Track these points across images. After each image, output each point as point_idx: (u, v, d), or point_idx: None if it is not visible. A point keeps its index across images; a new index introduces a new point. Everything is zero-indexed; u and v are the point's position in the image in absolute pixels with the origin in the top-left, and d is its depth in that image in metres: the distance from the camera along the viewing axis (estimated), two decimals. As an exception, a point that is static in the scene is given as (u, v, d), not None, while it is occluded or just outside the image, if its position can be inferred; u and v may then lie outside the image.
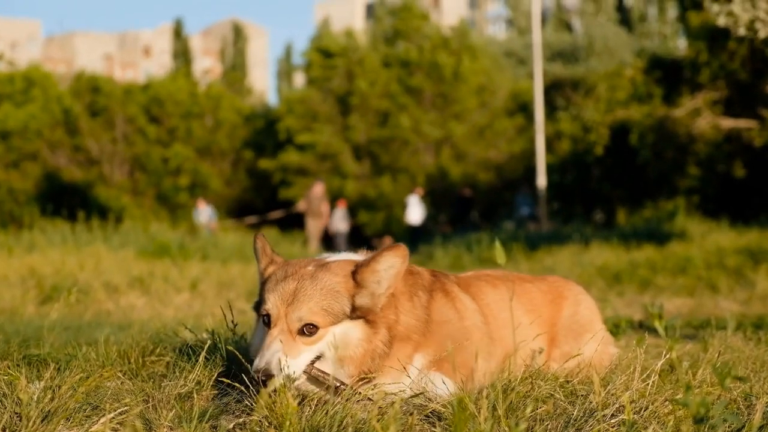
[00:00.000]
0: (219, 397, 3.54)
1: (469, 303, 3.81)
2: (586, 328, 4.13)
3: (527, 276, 4.39)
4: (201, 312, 9.63)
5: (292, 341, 3.32)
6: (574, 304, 4.22)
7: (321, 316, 3.34)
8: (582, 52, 41.92)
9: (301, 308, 3.34)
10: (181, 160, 41.85)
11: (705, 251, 14.10)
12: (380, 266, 3.45)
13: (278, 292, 3.40)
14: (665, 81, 28.46)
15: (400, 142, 39.20)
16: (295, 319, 3.33)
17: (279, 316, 3.36)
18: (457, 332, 3.63)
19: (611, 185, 31.54)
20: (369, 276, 3.44)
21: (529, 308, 4.07)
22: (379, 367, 3.41)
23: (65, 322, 7.58)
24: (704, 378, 3.69)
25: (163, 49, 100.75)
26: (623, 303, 10.62)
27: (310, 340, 3.33)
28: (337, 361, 3.36)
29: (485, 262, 17.81)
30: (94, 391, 3.51)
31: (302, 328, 3.33)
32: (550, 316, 4.13)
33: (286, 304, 3.36)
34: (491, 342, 3.78)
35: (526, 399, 3.32)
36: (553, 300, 4.20)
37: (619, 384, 3.43)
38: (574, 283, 4.41)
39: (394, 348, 3.45)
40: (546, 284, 4.28)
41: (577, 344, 4.04)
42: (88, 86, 43.77)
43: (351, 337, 3.38)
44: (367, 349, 3.39)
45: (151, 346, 4.28)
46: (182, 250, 17.63)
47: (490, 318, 3.88)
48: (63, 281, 11.43)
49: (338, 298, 3.39)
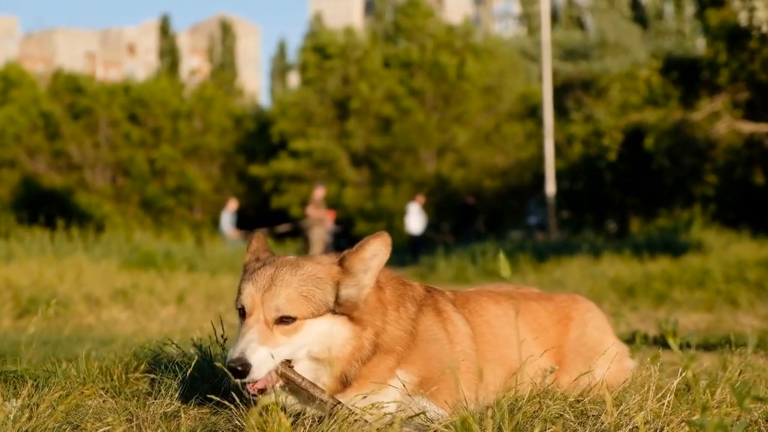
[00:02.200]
0: (207, 417, 3.54)
1: (461, 326, 3.75)
2: (595, 351, 4.09)
3: (532, 293, 4.35)
4: (188, 326, 9.61)
5: (268, 331, 3.25)
6: (580, 324, 4.18)
7: (301, 303, 3.27)
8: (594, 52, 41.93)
9: (278, 295, 3.27)
10: (167, 161, 41.83)
11: (724, 263, 14.09)
12: (367, 253, 3.41)
13: (253, 280, 3.34)
14: (682, 82, 28.47)
15: (402, 150, 39.19)
16: (272, 307, 3.26)
17: (254, 304, 3.29)
18: (444, 355, 3.58)
19: (624, 193, 31.56)
20: (357, 263, 3.40)
21: (534, 328, 4.04)
22: (359, 374, 3.37)
23: (43, 336, 7.57)
24: (723, 398, 3.68)
25: (148, 48, 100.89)
26: (637, 318, 10.61)
27: (289, 329, 3.26)
28: (320, 362, 3.32)
29: (490, 275, 17.82)
30: (75, 409, 3.51)
31: (281, 318, 3.26)
32: (557, 338, 4.10)
33: (261, 292, 3.29)
34: (483, 366, 3.72)
35: (533, 419, 3.32)
36: (560, 321, 4.16)
37: (633, 404, 3.43)
38: (583, 300, 4.37)
39: (376, 357, 3.41)
40: (552, 304, 4.24)
41: (586, 367, 3.98)
42: (67, 86, 43.76)
43: (337, 335, 3.33)
44: (355, 347, 3.36)
45: (135, 362, 4.27)
46: (168, 260, 17.61)
47: (489, 336, 3.85)
48: (41, 293, 11.40)
49: (320, 284, 3.34)
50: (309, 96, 42.06)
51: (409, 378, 3.47)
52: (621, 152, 29.32)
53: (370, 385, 3.39)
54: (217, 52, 79.11)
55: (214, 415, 3.54)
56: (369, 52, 42.11)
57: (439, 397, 3.45)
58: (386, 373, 3.43)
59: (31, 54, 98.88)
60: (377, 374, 3.41)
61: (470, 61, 40.09)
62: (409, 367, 3.49)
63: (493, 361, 3.81)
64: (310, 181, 40.48)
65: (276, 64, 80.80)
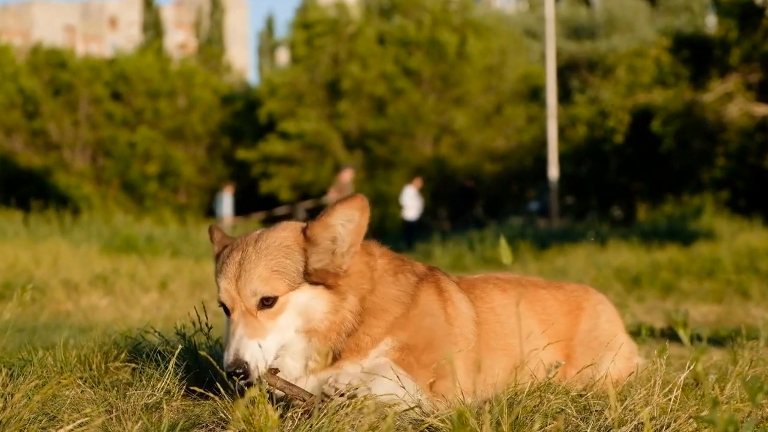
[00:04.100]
0: (191, 408, 3.53)
1: (464, 308, 3.74)
2: (606, 345, 4.05)
3: (542, 281, 4.33)
4: (171, 314, 9.61)
5: (254, 321, 3.26)
6: (593, 316, 4.15)
7: (274, 279, 3.28)
8: (600, 29, 41.87)
9: (251, 278, 3.27)
10: (150, 144, 41.74)
11: (735, 252, 14.11)
12: (334, 220, 3.38)
13: (224, 272, 3.34)
14: (692, 62, 28.47)
15: (398, 133, 39.12)
16: (249, 294, 3.27)
17: (232, 298, 3.30)
18: (440, 331, 3.56)
19: (631, 177, 31.61)
20: (321, 231, 3.38)
21: (543, 318, 4.02)
22: (345, 346, 3.38)
23: (19, 323, 7.57)
24: (733, 393, 3.68)
25: (131, 21, 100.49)
26: (643, 309, 10.63)
27: (272, 312, 3.27)
28: (304, 335, 3.33)
29: (489, 262, 17.85)
30: (51, 399, 3.50)
31: (261, 301, 3.27)
32: (566, 330, 4.07)
33: (234, 282, 3.30)
34: (485, 354, 3.70)
35: (533, 414, 3.31)
36: (570, 311, 4.13)
37: (638, 398, 3.42)
38: (594, 291, 4.35)
39: (365, 323, 3.41)
40: (563, 293, 4.21)
41: (597, 364, 3.94)
42: (47, 61, 43.61)
43: (314, 308, 3.34)
44: (333, 321, 3.36)
45: (115, 351, 4.26)
46: (150, 244, 17.63)
47: (494, 324, 3.83)
48: (16, 278, 11.40)
49: (289, 254, 3.33)
50: (299, 75, 41.90)
51: (391, 345, 3.46)
52: (627, 135, 29.31)
53: (353, 358, 3.40)
54: (205, 26, 78.91)
55: (197, 407, 3.53)
56: (362, 29, 41.92)
57: (419, 371, 3.43)
58: (372, 340, 3.43)
59: (8, 27, 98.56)
60: (362, 343, 3.41)
61: (471, 39, 39.95)
62: (398, 335, 3.47)
63: (497, 350, 3.79)
64: (301, 164, 40.42)
65: (264, 40, 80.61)
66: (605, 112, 30.11)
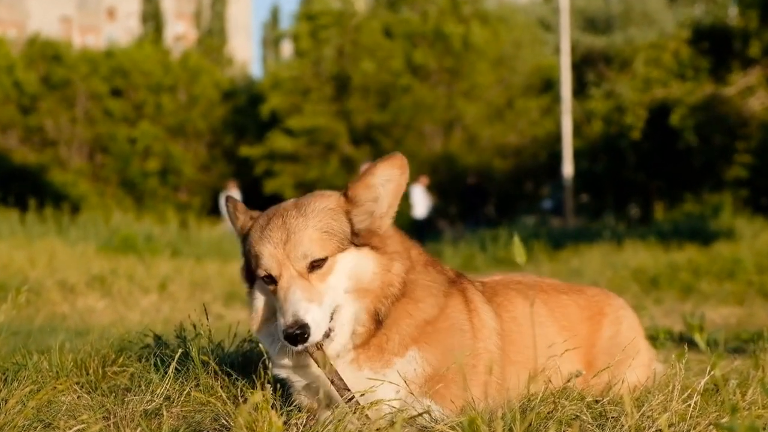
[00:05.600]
0: (191, 415, 3.53)
1: (488, 320, 3.72)
2: (628, 353, 4.01)
3: (562, 285, 4.30)
4: (171, 316, 9.62)
5: (308, 284, 3.26)
6: (614, 322, 4.14)
7: (325, 240, 3.29)
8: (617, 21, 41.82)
9: (301, 240, 3.28)
10: (150, 140, 41.74)
11: (756, 253, 14.08)
12: (375, 179, 3.41)
13: (267, 237, 3.33)
14: (713, 54, 28.37)
15: (405, 127, 39.08)
16: (299, 256, 3.27)
17: (280, 262, 3.29)
18: (465, 349, 3.53)
19: (648, 175, 31.54)
20: (363, 192, 3.42)
21: (564, 325, 4.00)
22: (389, 312, 3.37)
23: (13, 326, 7.57)
24: (754, 399, 3.67)
25: (129, 12, 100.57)
26: (661, 311, 10.61)
27: (322, 274, 3.28)
28: (353, 297, 3.33)
29: (501, 263, 17.81)
30: (47, 406, 3.50)
31: (311, 264, 3.28)
32: (588, 336, 4.05)
33: (282, 245, 3.29)
34: (505, 368, 3.69)
35: (547, 420, 3.31)
36: (592, 316, 4.11)
37: (656, 405, 3.42)
38: (615, 296, 4.33)
39: (404, 301, 3.43)
40: (584, 298, 4.18)
41: (618, 372, 3.91)
42: (43, 54, 43.62)
43: (364, 268, 3.36)
44: (383, 281, 3.38)
45: (113, 355, 4.27)
46: (150, 244, 17.63)
47: (516, 335, 3.80)
48: (11, 279, 11.41)
49: (335, 216, 3.36)
50: (303, 69, 41.81)
51: (421, 366, 3.43)
52: (645, 130, 29.23)
53: (381, 361, 3.38)
54: (206, 17, 78.85)
55: (198, 413, 3.53)
56: (368, 21, 41.85)
57: (446, 397, 3.41)
58: (398, 347, 3.41)
59: (2, 18, 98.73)
60: (389, 348, 3.40)
61: (476, 30, 39.86)
62: (425, 349, 3.45)
63: (518, 363, 3.76)
64: (307, 162, 40.40)
65: (268, 32, 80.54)
66: (622, 107, 30.02)
